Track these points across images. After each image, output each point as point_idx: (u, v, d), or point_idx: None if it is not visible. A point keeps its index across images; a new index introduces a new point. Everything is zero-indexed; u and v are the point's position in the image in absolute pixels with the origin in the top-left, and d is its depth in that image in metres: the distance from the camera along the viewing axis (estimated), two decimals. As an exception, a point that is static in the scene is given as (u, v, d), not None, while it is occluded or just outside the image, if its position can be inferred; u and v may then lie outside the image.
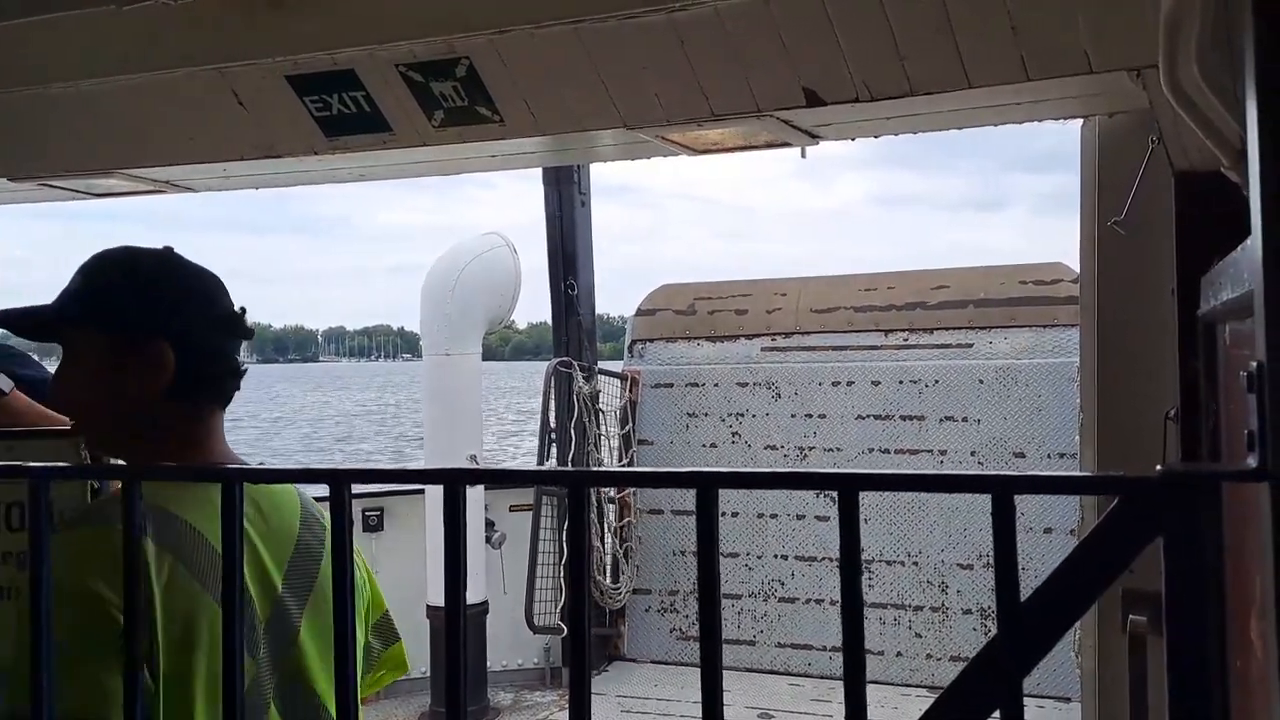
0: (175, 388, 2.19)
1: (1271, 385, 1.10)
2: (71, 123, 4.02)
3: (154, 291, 2.23)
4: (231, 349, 2.30)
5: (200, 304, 2.27)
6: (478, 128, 3.44)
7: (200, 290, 2.29)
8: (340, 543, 1.75)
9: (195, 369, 2.21)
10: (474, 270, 8.39)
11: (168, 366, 2.18)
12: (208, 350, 2.25)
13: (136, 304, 2.21)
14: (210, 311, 2.28)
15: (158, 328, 2.19)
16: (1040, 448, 8.42)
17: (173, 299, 2.24)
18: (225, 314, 2.30)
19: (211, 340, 2.26)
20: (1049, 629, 1.22)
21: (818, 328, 9.21)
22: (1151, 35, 2.33)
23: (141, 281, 2.24)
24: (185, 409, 2.22)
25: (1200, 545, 1.19)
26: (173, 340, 2.19)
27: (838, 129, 3.28)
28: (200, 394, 2.23)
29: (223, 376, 2.27)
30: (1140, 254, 3.18)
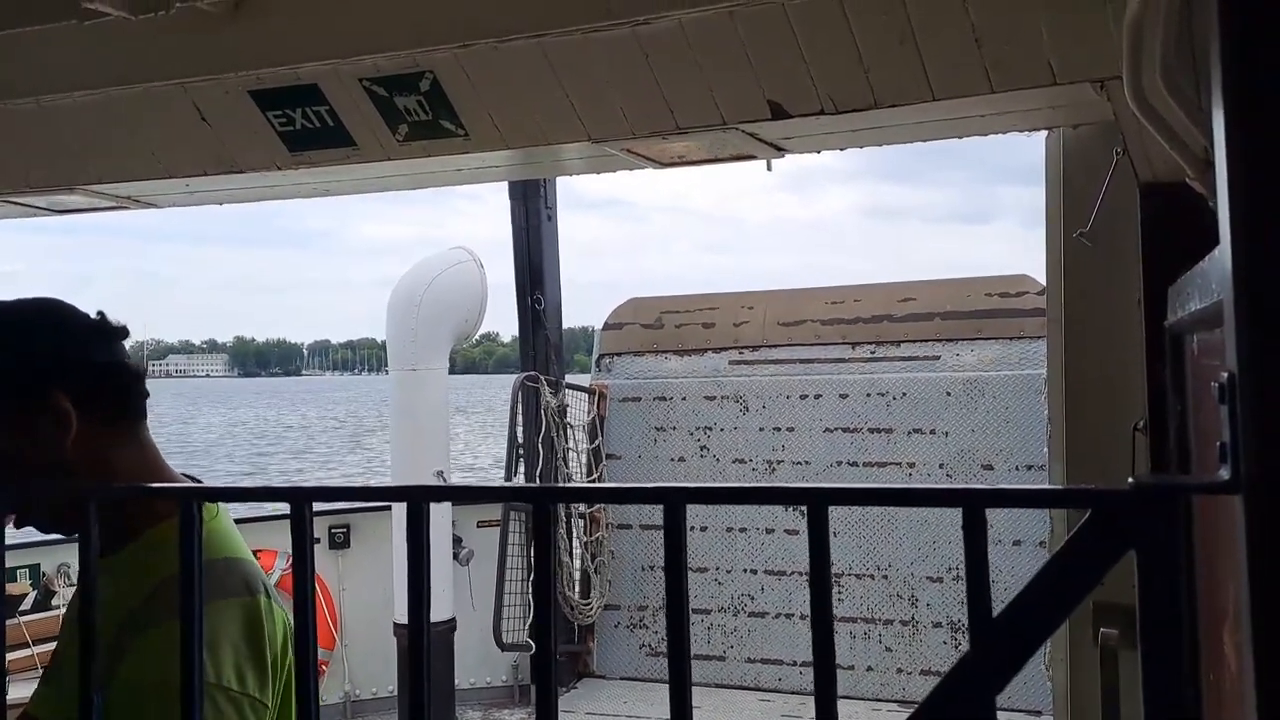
0: (86, 426, 2.11)
1: (1243, 396, 1.09)
2: (32, 139, 3.97)
3: (28, 347, 2.15)
4: (116, 356, 2.22)
5: (69, 334, 2.19)
6: (442, 141, 3.42)
7: (60, 321, 2.20)
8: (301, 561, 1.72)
9: (97, 399, 2.14)
10: (440, 285, 8.35)
11: (69, 413, 2.10)
12: (100, 374, 2.18)
13: (19, 365, 2.12)
14: (79, 336, 2.19)
15: (48, 381, 2.11)
16: (1009, 460, 8.44)
17: (46, 345, 2.16)
18: (92, 328, 2.21)
19: (97, 362, 2.19)
20: (1023, 645, 1.21)
21: (785, 340, 9.22)
22: (1115, 47, 2.33)
23: (15, 342, 2.15)
24: (106, 441, 2.15)
25: (1173, 558, 1.18)
26: (64, 385, 2.12)
27: (803, 141, 3.28)
28: (114, 420, 2.17)
29: (126, 388, 2.21)
30: (1106, 265, 3.19)
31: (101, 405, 2.14)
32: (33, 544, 8.32)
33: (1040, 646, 1.22)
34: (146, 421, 2.23)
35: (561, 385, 9.04)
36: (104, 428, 2.14)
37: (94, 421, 2.12)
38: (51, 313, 2.21)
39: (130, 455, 2.18)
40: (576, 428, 9.16)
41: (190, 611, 1.65)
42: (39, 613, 7.58)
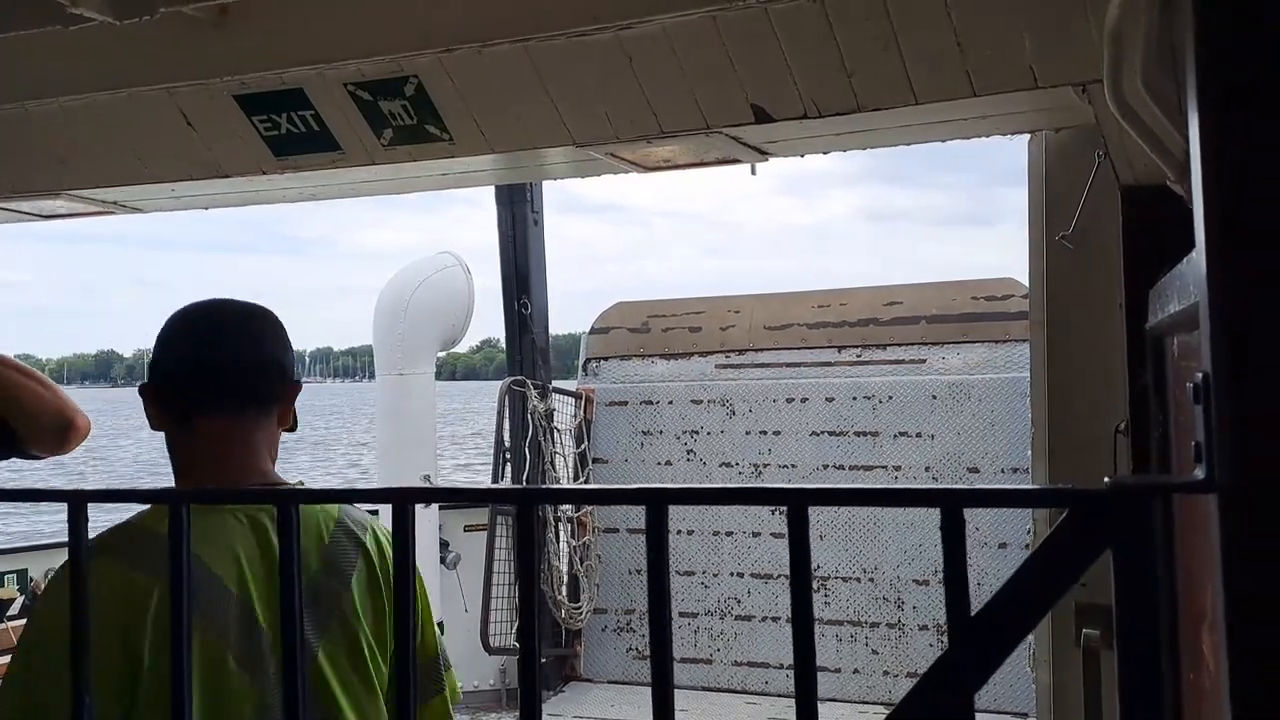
0: (162, 420, 2.38)
1: (1217, 396, 1.11)
2: (17, 144, 3.97)
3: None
4: (185, 357, 2.39)
5: (159, 336, 2.43)
6: (427, 146, 3.42)
7: (165, 325, 2.43)
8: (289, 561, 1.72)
9: (164, 397, 2.38)
10: (426, 290, 8.35)
11: (150, 408, 2.38)
12: (164, 375, 2.39)
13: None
14: (162, 337, 2.42)
15: (147, 379, 2.42)
16: (994, 463, 8.46)
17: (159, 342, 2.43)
18: (173, 330, 2.41)
19: (160, 362, 2.39)
20: (1000, 643, 1.21)
21: (771, 344, 9.23)
22: (1096, 50, 2.35)
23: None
24: (173, 433, 2.38)
25: (1150, 557, 1.19)
26: (149, 383, 2.40)
27: (787, 145, 3.29)
28: (182, 416, 2.35)
29: (184, 388, 2.36)
30: (1088, 268, 3.21)
31: (168, 403, 2.37)
32: (20, 549, 8.30)
33: (1017, 646, 1.22)
34: (228, 416, 2.35)
35: (549, 389, 9.04)
36: (172, 423, 2.37)
37: (167, 416, 2.37)
38: (171, 317, 2.45)
39: (189, 447, 2.35)
40: (563, 431, 9.15)
41: (179, 612, 1.65)
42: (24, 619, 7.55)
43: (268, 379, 2.41)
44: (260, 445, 2.38)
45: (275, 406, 2.41)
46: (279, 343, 2.45)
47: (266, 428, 2.40)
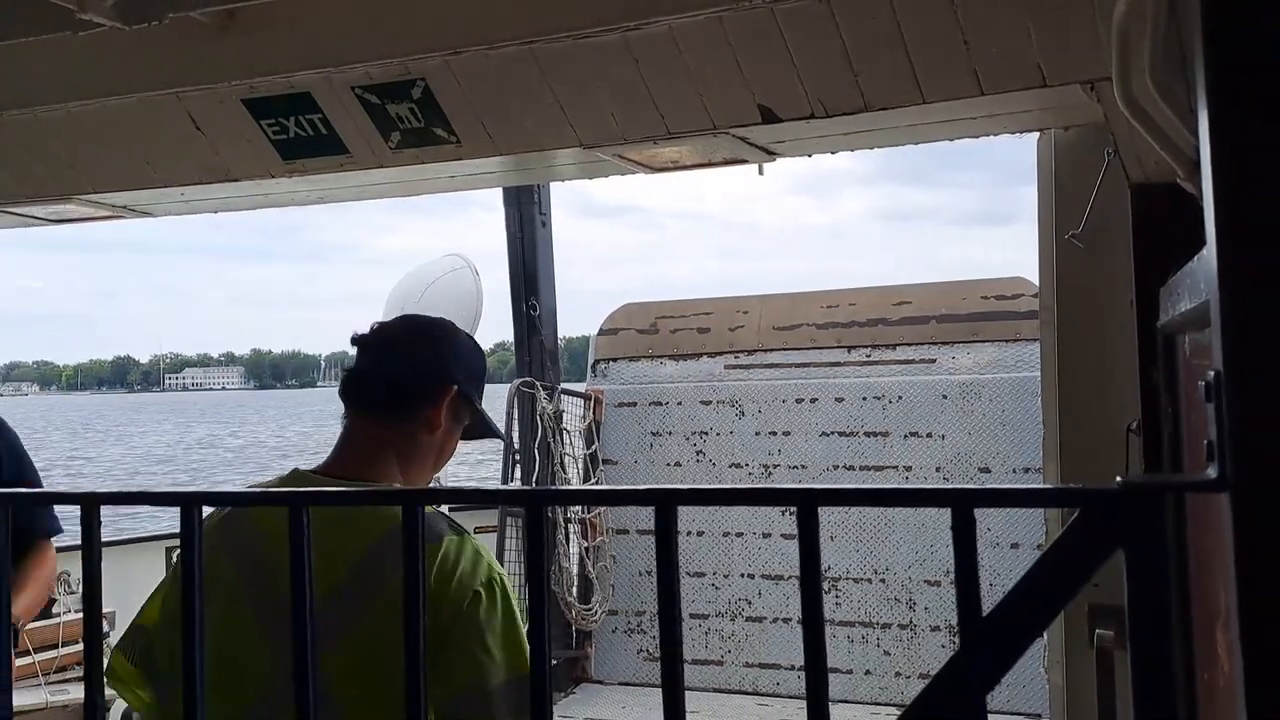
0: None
1: (1229, 394, 1.10)
2: (29, 149, 3.98)
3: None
4: (355, 361, 2.73)
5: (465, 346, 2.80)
6: (434, 149, 3.43)
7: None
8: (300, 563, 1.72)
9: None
10: (434, 292, 8.34)
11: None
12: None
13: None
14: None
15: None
16: (1006, 463, 8.43)
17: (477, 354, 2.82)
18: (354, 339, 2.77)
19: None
20: (1012, 643, 1.21)
21: (780, 345, 9.20)
22: (1104, 48, 2.34)
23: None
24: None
25: (1162, 556, 1.18)
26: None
27: (794, 145, 3.29)
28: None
29: (343, 389, 2.69)
30: (1099, 267, 3.19)
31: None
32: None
33: (1030, 646, 1.22)
34: (362, 413, 2.63)
35: (557, 391, 9.04)
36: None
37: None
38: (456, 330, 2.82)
39: (339, 437, 2.63)
40: (572, 433, 9.15)
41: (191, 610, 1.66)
42: (40, 620, 7.56)
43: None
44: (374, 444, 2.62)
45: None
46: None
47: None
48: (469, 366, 2.71)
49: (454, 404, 2.64)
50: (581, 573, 9.11)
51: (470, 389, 2.68)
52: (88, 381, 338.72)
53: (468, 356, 2.73)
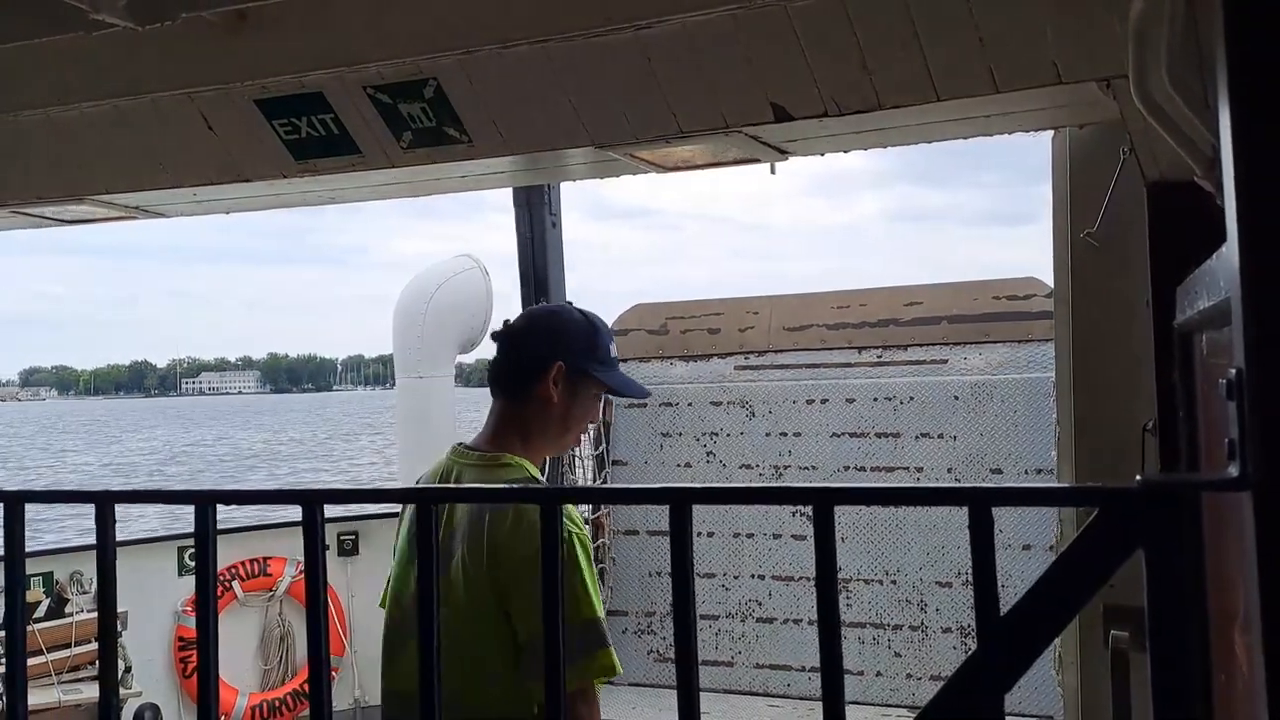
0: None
1: (1251, 393, 1.09)
2: (41, 149, 3.99)
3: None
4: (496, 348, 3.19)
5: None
6: (446, 148, 3.42)
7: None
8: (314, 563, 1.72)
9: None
10: (445, 293, 8.34)
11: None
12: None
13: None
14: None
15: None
16: (1018, 464, 8.40)
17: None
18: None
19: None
20: (1030, 644, 1.20)
21: (790, 345, 9.18)
22: (1120, 45, 2.32)
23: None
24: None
25: (1183, 556, 1.17)
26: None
27: (807, 144, 3.27)
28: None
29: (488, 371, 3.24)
30: (1114, 265, 3.18)
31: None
32: (46, 552, 8.33)
33: (1047, 646, 1.21)
34: (497, 396, 3.18)
35: (568, 392, 9.03)
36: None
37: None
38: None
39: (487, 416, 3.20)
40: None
41: (205, 605, 1.65)
42: (52, 620, 7.58)
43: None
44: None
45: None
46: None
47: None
48: (577, 342, 3.13)
49: (566, 377, 3.10)
50: (590, 573, 9.08)
51: (583, 362, 3.13)
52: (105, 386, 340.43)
53: (575, 334, 3.15)
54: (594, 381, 3.18)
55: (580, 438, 3.38)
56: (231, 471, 51.17)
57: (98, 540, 1.85)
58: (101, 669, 1.96)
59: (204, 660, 1.75)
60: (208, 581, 1.76)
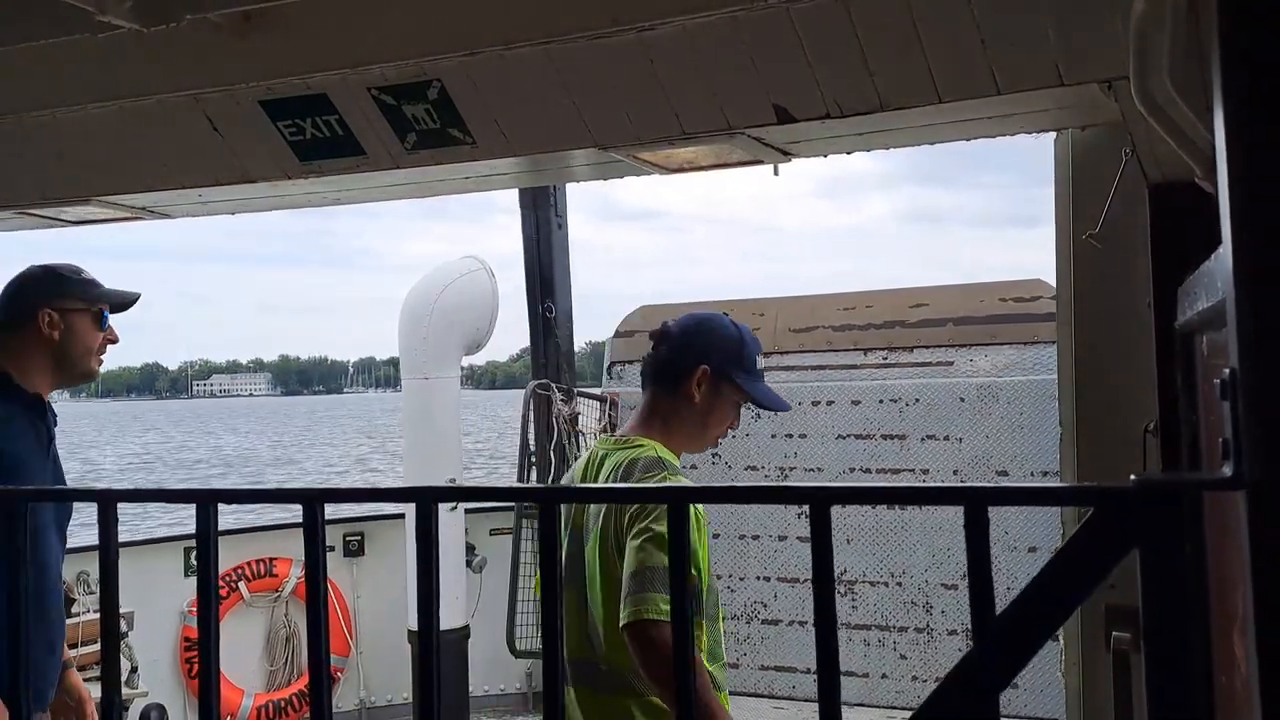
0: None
1: (1245, 392, 1.09)
2: (47, 150, 4.00)
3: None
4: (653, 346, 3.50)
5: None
6: (450, 149, 3.43)
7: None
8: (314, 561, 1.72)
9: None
10: (451, 294, 8.35)
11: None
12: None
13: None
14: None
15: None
16: (1024, 466, 8.39)
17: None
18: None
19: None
20: (1026, 643, 1.20)
21: (796, 347, 9.18)
22: (1122, 47, 2.33)
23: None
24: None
25: (1178, 556, 1.17)
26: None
27: (810, 145, 3.28)
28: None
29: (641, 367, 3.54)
30: (1117, 267, 3.18)
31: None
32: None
33: (1043, 645, 1.21)
34: (647, 388, 3.47)
35: (573, 393, 9.03)
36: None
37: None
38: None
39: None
40: (588, 435, 9.14)
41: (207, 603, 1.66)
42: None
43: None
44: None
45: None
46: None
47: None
48: (724, 350, 3.37)
49: (710, 380, 3.34)
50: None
51: (728, 368, 3.36)
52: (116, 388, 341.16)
53: (723, 341, 3.39)
54: (735, 388, 3.40)
55: (718, 440, 3.56)
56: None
57: (100, 539, 1.86)
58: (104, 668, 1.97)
59: (205, 657, 1.76)
60: (209, 581, 1.77)
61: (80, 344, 3.93)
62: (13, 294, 3.95)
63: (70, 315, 3.91)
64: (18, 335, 3.87)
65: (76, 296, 3.93)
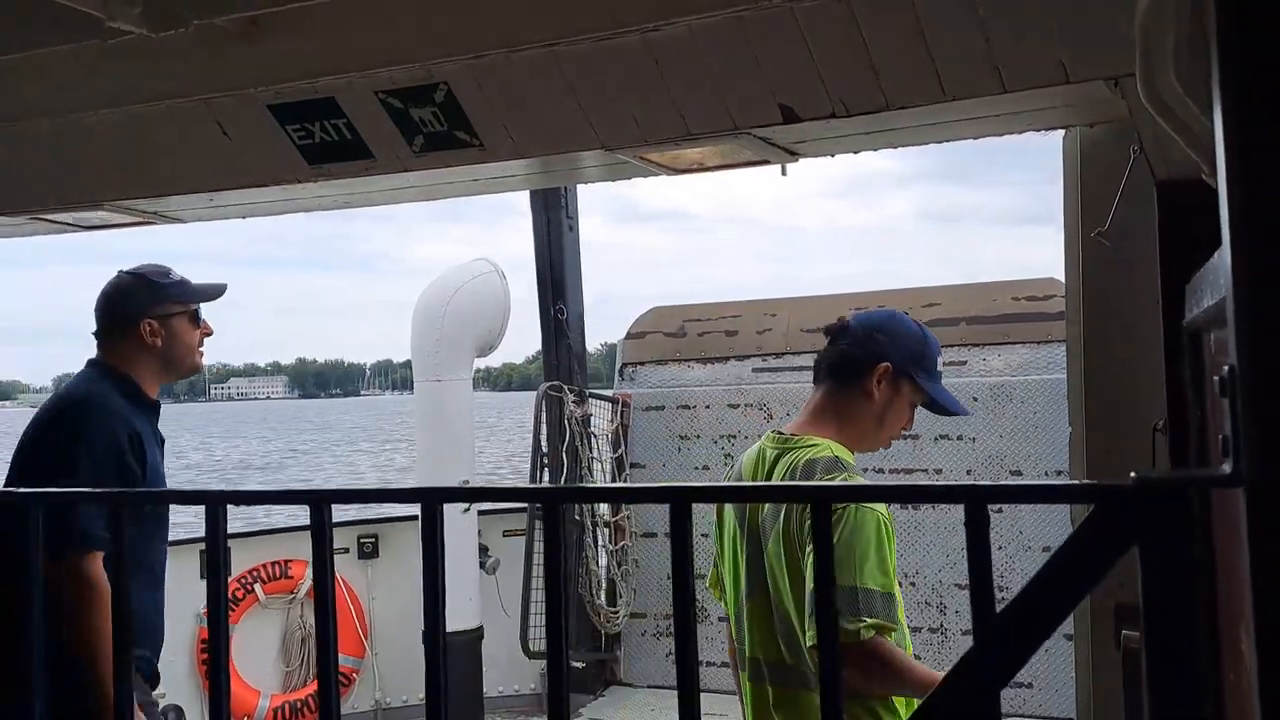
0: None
1: (1244, 389, 1.09)
2: (60, 157, 4.03)
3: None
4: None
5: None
6: (457, 152, 3.44)
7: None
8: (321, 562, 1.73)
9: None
10: (463, 297, 8.36)
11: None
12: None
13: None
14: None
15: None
16: (1037, 465, 8.36)
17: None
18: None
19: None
20: (1026, 640, 1.20)
21: (809, 347, 9.14)
22: (1127, 44, 2.32)
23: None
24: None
25: (1177, 552, 1.17)
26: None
27: (816, 145, 3.28)
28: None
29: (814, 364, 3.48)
30: (1125, 265, 3.16)
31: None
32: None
33: (1044, 641, 1.21)
34: (822, 384, 3.42)
35: (585, 395, 9.04)
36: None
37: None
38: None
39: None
40: (600, 437, 9.14)
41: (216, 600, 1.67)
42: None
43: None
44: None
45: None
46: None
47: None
48: (905, 348, 3.32)
49: (890, 379, 3.31)
50: (608, 576, 9.11)
51: (910, 368, 3.32)
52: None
53: (905, 340, 3.34)
54: (915, 388, 3.37)
55: (890, 440, 3.53)
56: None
57: (114, 540, 1.86)
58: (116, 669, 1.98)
59: (215, 656, 1.77)
60: (219, 581, 1.78)
61: (182, 345, 4.09)
62: (112, 307, 4.09)
63: (169, 321, 4.06)
64: (124, 342, 4.02)
65: (172, 300, 4.07)
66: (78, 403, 3.86)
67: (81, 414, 3.80)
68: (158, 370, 4.07)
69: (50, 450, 3.77)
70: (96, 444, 3.72)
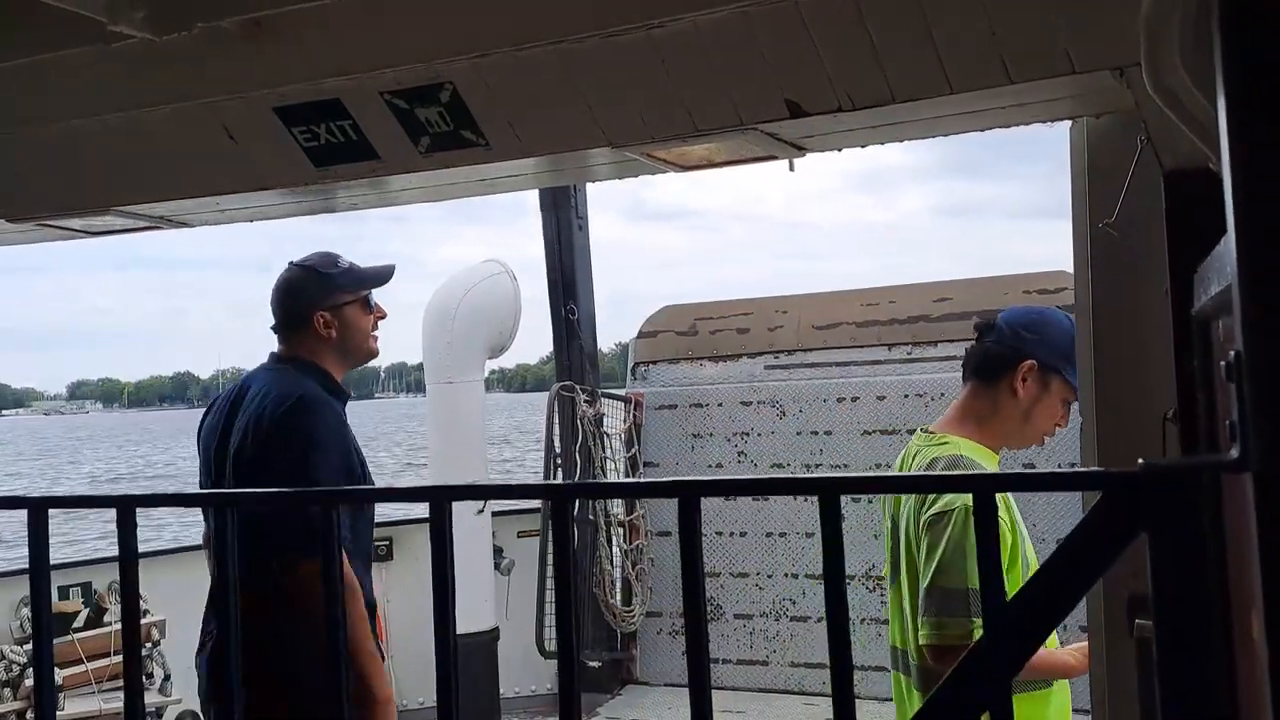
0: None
1: (1250, 374, 1.09)
2: (65, 161, 4.04)
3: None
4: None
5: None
6: (464, 152, 3.44)
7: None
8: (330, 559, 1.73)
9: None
10: (473, 298, 8.38)
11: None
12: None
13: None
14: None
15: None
16: (1050, 459, 8.33)
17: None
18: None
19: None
20: (1035, 628, 1.20)
21: (820, 344, 9.16)
22: (1133, 33, 2.31)
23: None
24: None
25: (1186, 539, 1.17)
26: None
27: (823, 140, 3.27)
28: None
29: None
30: (1134, 255, 3.15)
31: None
32: (84, 563, 8.42)
33: (1054, 629, 1.21)
34: (969, 380, 3.49)
35: (597, 394, 9.05)
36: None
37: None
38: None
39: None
40: (613, 436, 9.15)
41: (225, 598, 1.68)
42: (91, 629, 7.66)
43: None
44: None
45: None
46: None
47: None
48: (1054, 344, 3.32)
49: (1037, 376, 3.33)
50: (623, 575, 9.12)
51: (1059, 364, 3.30)
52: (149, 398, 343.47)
53: (1055, 335, 3.33)
54: (1065, 385, 3.34)
55: (1045, 437, 3.51)
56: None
57: (119, 544, 1.87)
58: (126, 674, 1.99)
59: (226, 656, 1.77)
60: (227, 583, 1.78)
61: (358, 333, 4.21)
62: (286, 302, 4.22)
63: (341, 310, 4.17)
64: (302, 334, 4.15)
65: (342, 290, 4.13)
66: (302, 405, 3.93)
67: (309, 416, 3.89)
68: (337, 361, 4.16)
69: (287, 458, 3.83)
70: (330, 445, 3.83)
